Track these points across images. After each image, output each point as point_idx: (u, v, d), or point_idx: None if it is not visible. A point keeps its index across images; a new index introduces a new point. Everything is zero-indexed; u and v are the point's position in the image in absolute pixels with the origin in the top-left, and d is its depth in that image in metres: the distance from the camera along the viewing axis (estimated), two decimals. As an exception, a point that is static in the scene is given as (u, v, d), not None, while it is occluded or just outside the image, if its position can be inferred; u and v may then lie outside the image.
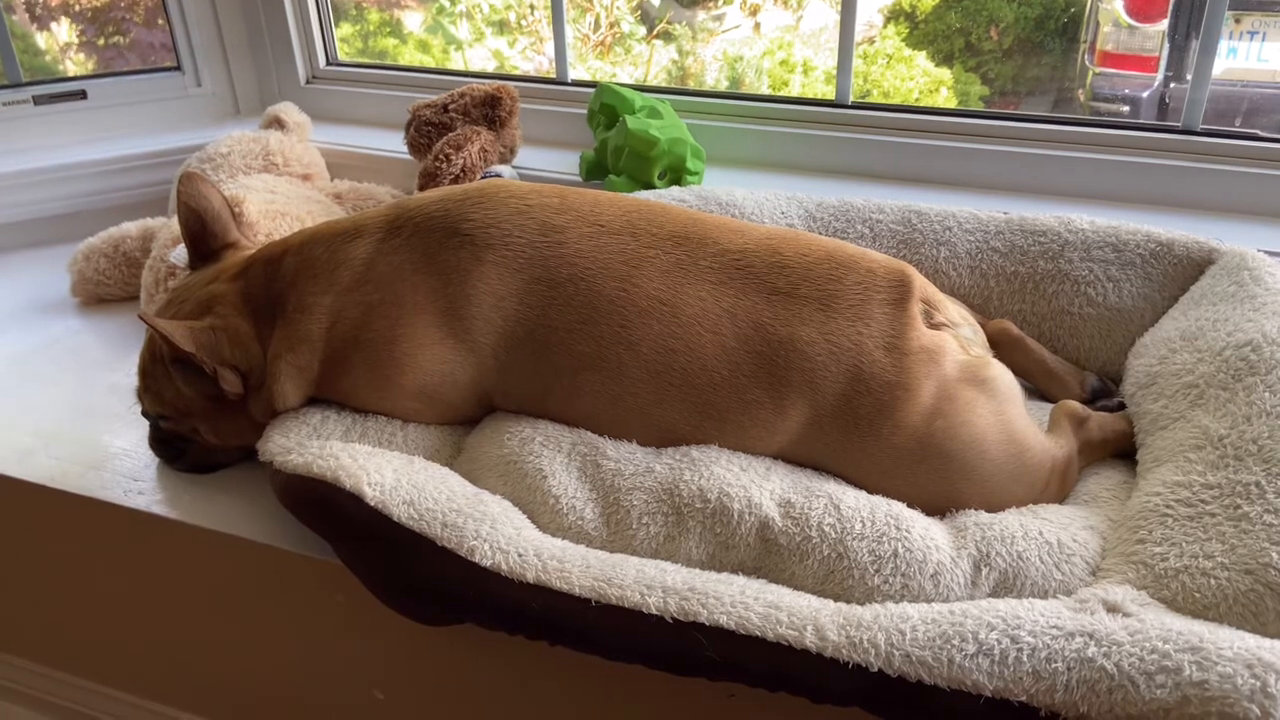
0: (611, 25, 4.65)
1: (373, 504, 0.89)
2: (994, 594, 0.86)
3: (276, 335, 1.02)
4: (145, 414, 1.10)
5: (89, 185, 1.70)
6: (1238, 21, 3.20)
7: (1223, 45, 3.28)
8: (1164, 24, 3.36)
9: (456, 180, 1.44)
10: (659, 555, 0.91)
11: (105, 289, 1.51)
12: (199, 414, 1.06)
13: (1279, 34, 3.18)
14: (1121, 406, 1.10)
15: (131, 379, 1.11)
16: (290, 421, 1.02)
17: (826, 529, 0.89)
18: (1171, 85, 3.36)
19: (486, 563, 0.86)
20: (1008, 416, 0.97)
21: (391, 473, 0.91)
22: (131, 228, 1.52)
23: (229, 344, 1.01)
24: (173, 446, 1.11)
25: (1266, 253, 1.12)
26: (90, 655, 1.26)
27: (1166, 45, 3.36)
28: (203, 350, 0.99)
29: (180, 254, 1.31)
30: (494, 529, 0.88)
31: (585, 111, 1.61)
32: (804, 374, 0.95)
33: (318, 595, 1.03)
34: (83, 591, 1.20)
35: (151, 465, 1.14)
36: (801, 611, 0.80)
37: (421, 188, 1.46)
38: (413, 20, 4.85)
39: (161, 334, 0.97)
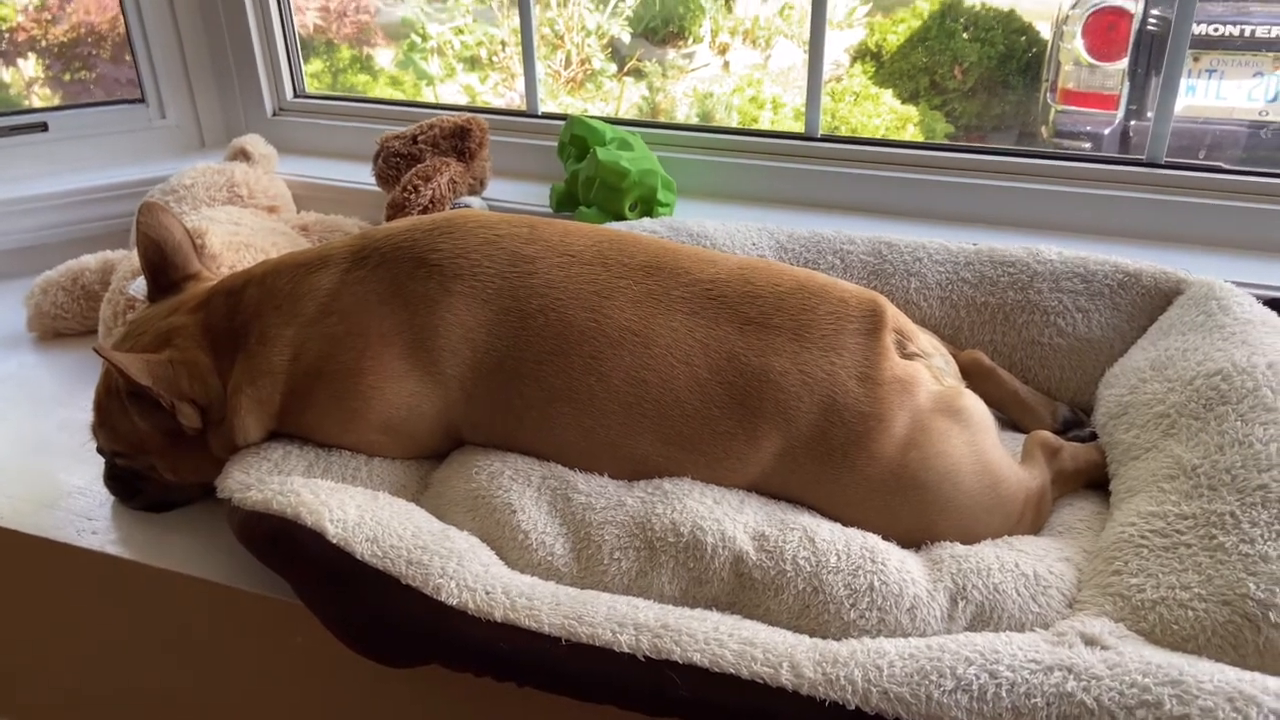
0: (583, 62, 4.69)
1: (335, 541, 0.86)
2: (971, 627, 0.85)
3: (237, 368, 0.99)
4: (100, 450, 1.07)
5: (49, 218, 1.67)
6: (1196, 60, 3.28)
7: (1182, 83, 3.36)
8: (1124, 62, 3.43)
9: (425, 211, 1.42)
10: (631, 591, 0.89)
11: (62, 323, 1.48)
12: (156, 450, 1.02)
13: (1237, 72, 3.26)
14: (1093, 437, 1.09)
15: (87, 414, 1.08)
16: (250, 457, 0.99)
17: (801, 562, 0.87)
18: (1133, 122, 3.43)
19: (453, 601, 0.83)
20: (982, 447, 0.96)
21: (355, 509, 0.89)
22: (91, 260, 1.49)
23: (187, 377, 0.98)
24: (128, 484, 1.08)
25: (1233, 283, 1.13)
26: (41, 701, 1.21)
27: (1127, 83, 3.44)
28: (160, 383, 0.96)
29: (140, 286, 1.28)
30: (461, 566, 0.86)
31: (555, 144, 1.60)
32: (777, 404, 0.94)
33: (277, 636, 0.99)
34: (33, 635, 1.16)
35: (106, 504, 1.10)
36: (777, 648, 0.78)
37: (389, 219, 1.44)
38: (384, 57, 4.86)
39: (117, 367, 0.94)
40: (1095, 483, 1.04)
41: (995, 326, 1.20)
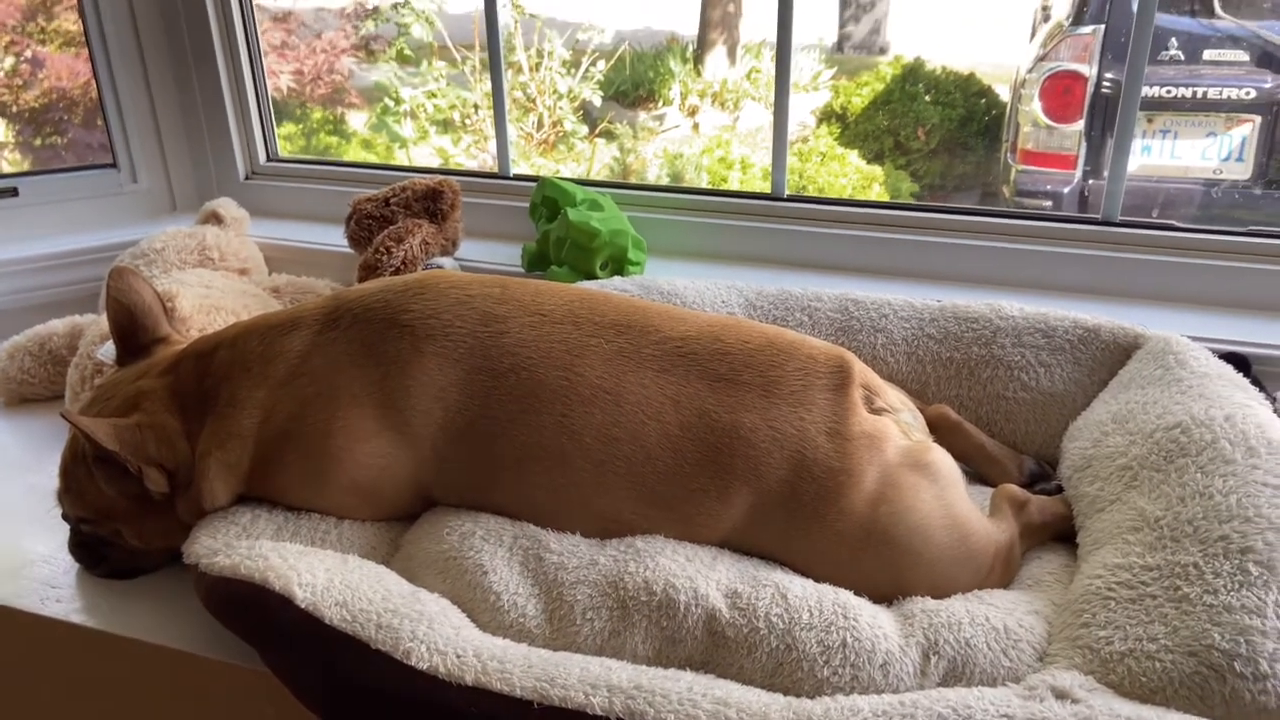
0: (555, 124, 4.76)
1: (303, 606, 0.85)
2: (943, 683, 0.85)
3: (206, 431, 0.99)
4: (65, 517, 1.06)
5: (16, 283, 1.66)
6: (1150, 120, 3.39)
7: (1137, 143, 3.46)
8: (1080, 124, 3.54)
9: (398, 272, 1.43)
10: (604, 652, 0.88)
11: (29, 388, 1.46)
12: (122, 516, 1.01)
13: (1190, 132, 3.36)
14: (1059, 490, 1.11)
15: (52, 480, 1.07)
16: (218, 521, 0.98)
17: (774, 619, 0.87)
18: (1090, 181, 3.52)
19: (423, 665, 0.82)
20: (950, 501, 0.97)
21: (324, 572, 0.88)
22: (59, 325, 1.48)
23: (155, 441, 0.97)
24: (93, 551, 1.06)
25: (1188, 337, 1.15)
26: (-4, 779, 1.18)
27: (1084, 144, 3.54)
28: (126, 448, 0.95)
29: (107, 351, 1.28)
30: (431, 629, 0.85)
31: (527, 205, 1.62)
32: (748, 460, 0.95)
33: (245, 706, 0.97)
34: (-9, 709, 1.13)
35: (71, 571, 1.08)
36: (751, 707, 0.78)
37: (362, 280, 1.45)
38: (356, 119, 4.91)
39: (84, 432, 0.93)
40: (1063, 535, 1.06)
41: (961, 381, 1.22)
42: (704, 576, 0.91)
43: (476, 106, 4.73)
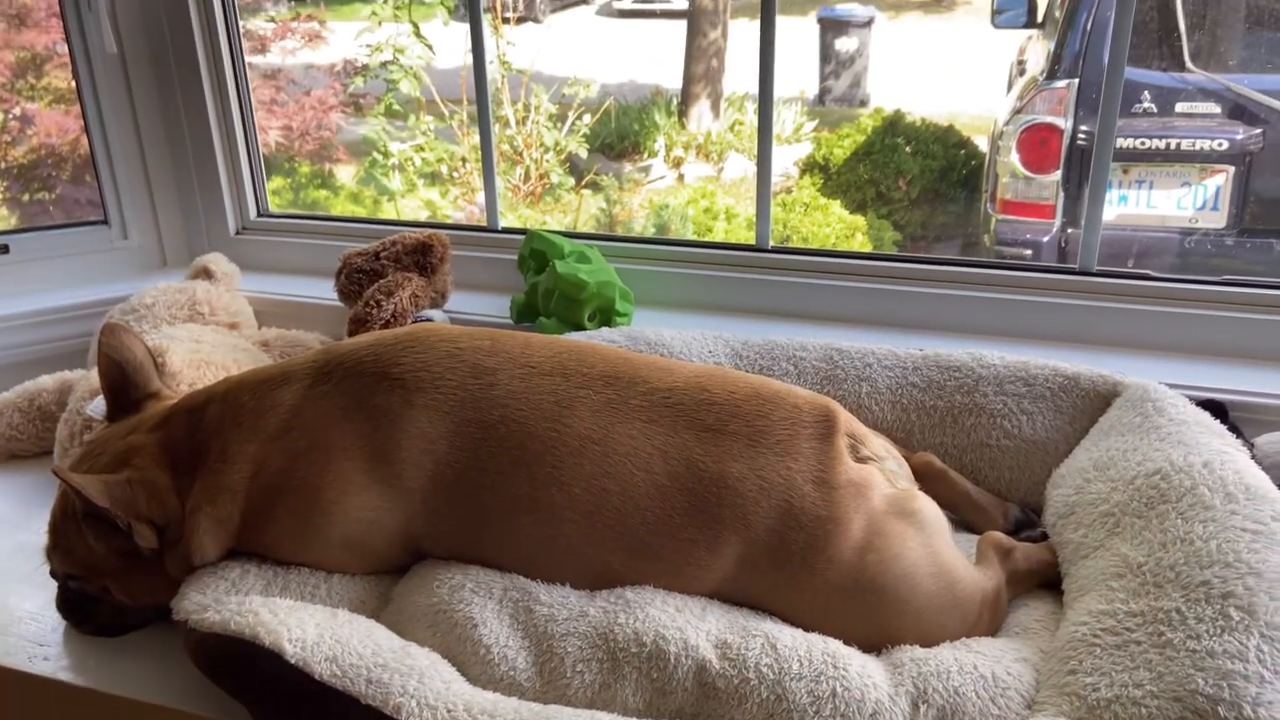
0: (541, 176, 4.81)
1: (293, 661, 0.85)
2: (933, 732, 0.85)
3: (197, 486, 0.99)
4: (54, 573, 1.05)
5: (8, 339, 1.66)
6: (1126, 171, 3.46)
7: (1114, 193, 3.53)
8: (1057, 174, 3.60)
9: (387, 325, 1.45)
10: (594, 705, 0.88)
11: (17, 445, 1.46)
12: (111, 572, 1.01)
13: (1166, 182, 3.43)
14: (1045, 537, 1.12)
15: (40, 538, 1.06)
16: (207, 577, 0.98)
17: (764, 670, 0.87)
18: (1069, 230, 3.58)
19: (414, 720, 0.82)
20: (936, 548, 0.98)
21: (314, 627, 0.88)
22: (48, 381, 1.49)
23: (146, 497, 0.98)
24: (81, 608, 1.06)
25: (1165, 385, 1.18)
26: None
27: (1061, 194, 3.60)
28: (117, 505, 0.95)
29: (97, 406, 1.28)
30: (421, 684, 0.85)
31: (515, 257, 1.65)
32: (736, 510, 0.96)
33: (233, 763, 0.97)
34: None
35: (59, 629, 1.08)
36: (741, 758, 0.78)
37: (352, 333, 1.46)
38: (344, 173, 4.96)
39: (74, 488, 0.93)
40: (1049, 582, 1.06)
41: (945, 429, 1.23)
42: (694, 627, 0.91)
43: (464, 160, 4.78)
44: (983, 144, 5.03)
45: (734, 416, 1.01)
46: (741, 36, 6.30)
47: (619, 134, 5.79)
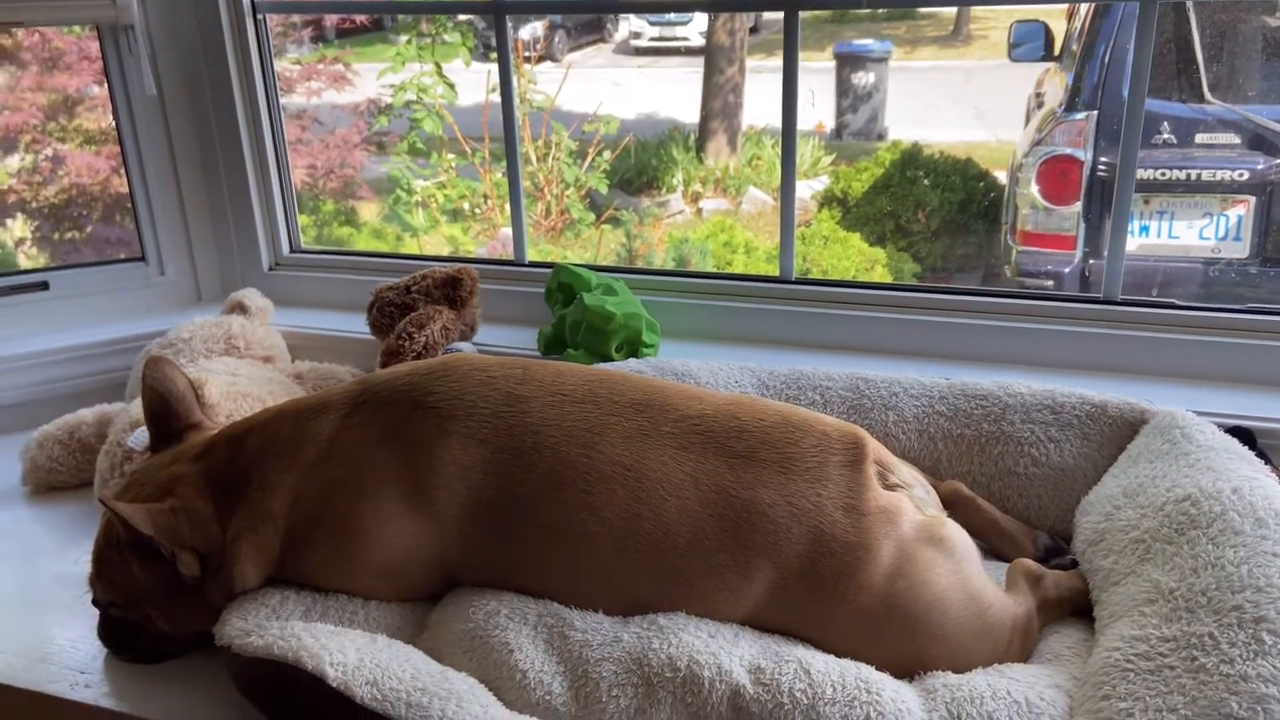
0: (561, 211, 4.87)
1: (335, 685, 0.86)
2: (968, 757, 0.86)
3: (238, 515, 1.01)
4: (96, 601, 1.07)
5: (46, 374, 1.70)
6: (1147, 202, 3.46)
7: (1135, 224, 3.54)
8: (1078, 206, 3.62)
9: (419, 357, 1.47)
10: (629, 729, 0.89)
11: (57, 476, 1.49)
12: (153, 599, 1.03)
13: (1187, 213, 3.43)
14: (1075, 564, 1.12)
15: (80, 568, 1.09)
16: (248, 604, 1.00)
17: (798, 694, 0.88)
18: (1091, 260, 3.59)
19: (452, 744, 0.83)
20: (967, 575, 0.99)
21: (355, 652, 0.90)
22: (88, 414, 1.52)
23: (189, 525, 1.00)
24: (122, 636, 1.08)
25: (1193, 412, 1.18)
26: None
27: (1082, 225, 3.61)
28: (162, 533, 0.97)
29: (138, 438, 1.31)
30: (460, 708, 0.86)
31: (542, 290, 1.67)
32: (767, 536, 0.97)
33: (272, 789, 0.98)
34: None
35: (100, 656, 1.09)
36: (777, 782, 0.79)
37: (384, 365, 1.49)
38: (366, 211, 5.03)
39: (120, 516, 0.96)
40: (1081, 610, 1.07)
41: (972, 457, 1.24)
42: (727, 653, 0.92)
43: (486, 196, 4.84)
44: (1002, 176, 5.05)
45: (764, 444, 1.02)
46: (757, 72, 6.37)
47: (637, 170, 5.85)
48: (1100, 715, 0.86)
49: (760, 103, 6.12)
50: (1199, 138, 3.52)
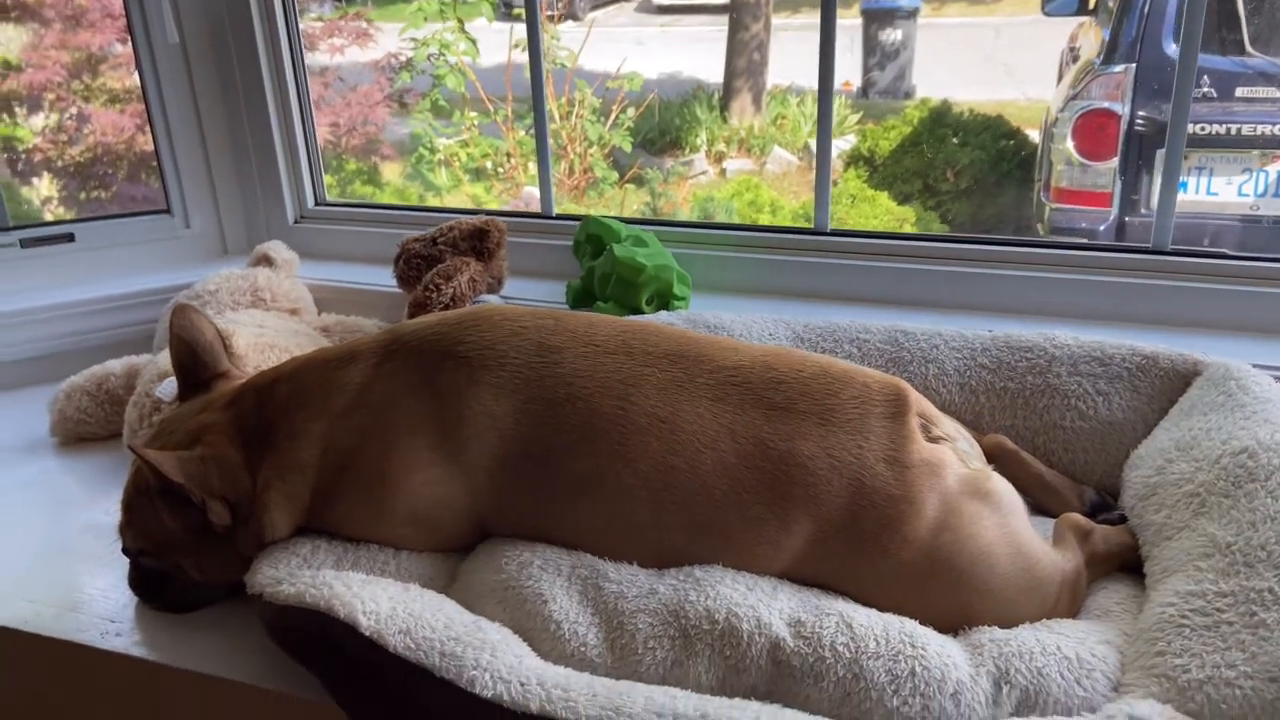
0: (585, 171, 4.82)
1: (367, 634, 0.85)
2: (1016, 713, 0.83)
3: (267, 464, 1.00)
4: (126, 550, 1.07)
5: (73, 325, 1.70)
6: (1186, 158, 3.37)
7: (1173, 179, 3.45)
8: (1114, 161, 3.53)
9: (447, 309, 1.45)
10: (667, 681, 0.87)
11: (86, 428, 1.49)
12: (183, 548, 1.02)
13: (1226, 168, 3.34)
14: (1123, 519, 1.09)
15: (109, 517, 1.08)
16: (279, 553, 0.98)
17: (840, 648, 0.86)
18: (1127, 218, 3.51)
19: (487, 693, 0.82)
20: (1014, 529, 0.96)
21: (387, 601, 0.88)
22: (116, 365, 1.51)
23: (218, 473, 0.98)
24: (153, 585, 1.07)
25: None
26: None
27: (1118, 181, 3.53)
28: (192, 481, 0.96)
29: (167, 388, 1.30)
30: (494, 657, 0.85)
31: (570, 243, 1.64)
32: (806, 489, 0.94)
33: (306, 738, 0.97)
34: (48, 744, 1.13)
35: (130, 605, 1.09)
36: (820, 736, 0.77)
37: (411, 317, 1.47)
38: (389, 171, 5.00)
39: (150, 464, 0.94)
40: (1129, 566, 1.04)
41: (1015, 411, 1.21)
42: (766, 605, 0.90)
43: (509, 155, 4.80)
44: (1033, 135, 4.95)
45: (802, 395, 0.99)
46: (783, 30, 6.25)
47: (660, 130, 5.77)
48: (1155, 671, 0.84)
49: (786, 61, 6.01)
50: (1239, 91, 3.43)
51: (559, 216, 1.77)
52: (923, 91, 6.23)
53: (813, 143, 5.64)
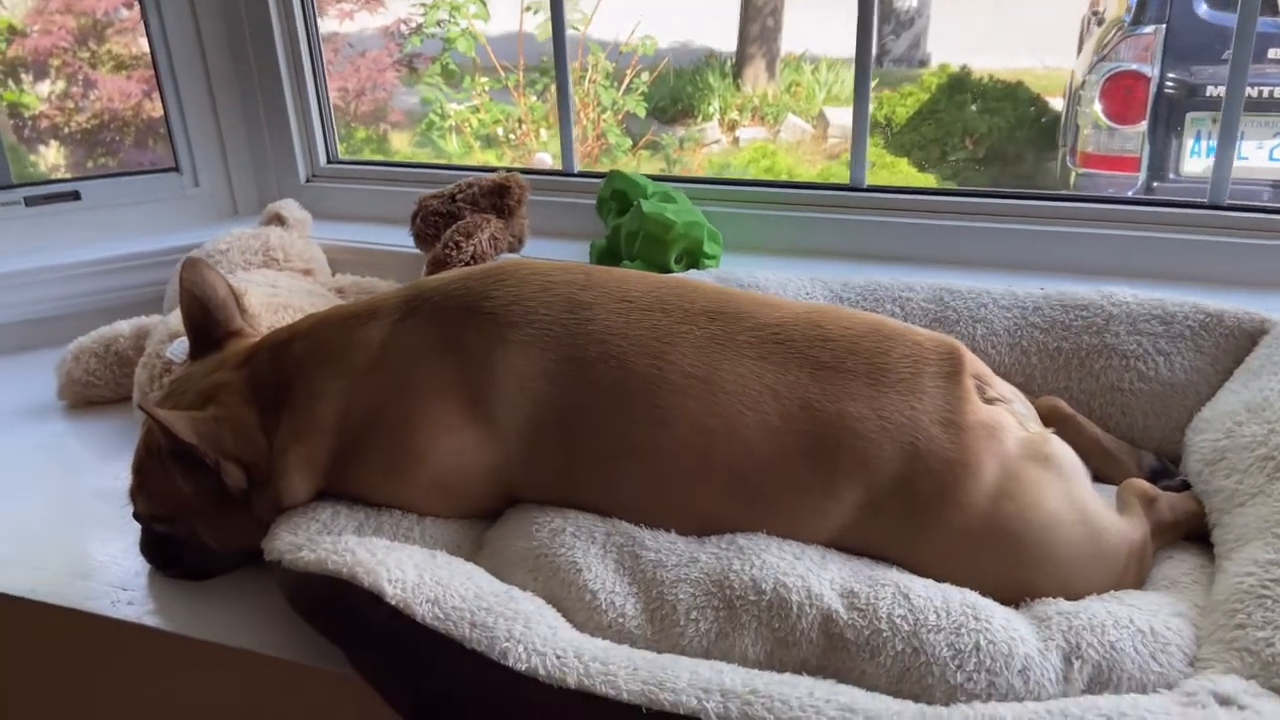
0: (598, 136, 4.74)
1: (393, 603, 0.80)
2: (1089, 689, 0.78)
3: (284, 425, 0.94)
4: (137, 516, 1.02)
5: (81, 286, 1.64)
6: (1215, 121, 3.29)
7: (1202, 144, 3.37)
8: (1143, 125, 3.44)
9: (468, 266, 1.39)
10: (711, 654, 0.82)
11: (94, 390, 1.44)
12: (197, 513, 0.97)
13: (1257, 132, 3.26)
14: (1185, 486, 1.03)
15: (120, 482, 1.03)
16: (298, 518, 0.93)
17: (898, 621, 0.80)
18: (1155, 183, 3.43)
19: (521, 666, 0.77)
20: (1077, 495, 0.90)
21: (413, 568, 0.83)
22: (124, 326, 1.46)
23: (232, 435, 0.93)
24: (166, 551, 1.03)
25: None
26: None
27: (1147, 145, 3.44)
28: (205, 441, 0.91)
29: (177, 349, 1.24)
30: (528, 629, 0.79)
31: (592, 202, 1.58)
32: (855, 452, 0.89)
33: (328, 711, 0.92)
34: (69, 711, 1.09)
35: (142, 573, 1.04)
36: (880, 715, 0.72)
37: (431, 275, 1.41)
38: (398, 140, 4.93)
39: (161, 424, 0.89)
40: (1194, 534, 0.98)
41: (1070, 373, 1.14)
42: (815, 575, 0.85)
43: (520, 121, 4.72)
44: (1054, 103, 4.85)
45: (851, 353, 0.93)
46: (798, -6, 6.13)
47: (672, 98, 5.68)
48: (1236, 645, 0.78)
49: (800, 26, 5.90)
50: (1271, 53, 3.33)
51: (580, 174, 1.70)
52: (938, 59, 6.12)
53: (828, 110, 5.55)
